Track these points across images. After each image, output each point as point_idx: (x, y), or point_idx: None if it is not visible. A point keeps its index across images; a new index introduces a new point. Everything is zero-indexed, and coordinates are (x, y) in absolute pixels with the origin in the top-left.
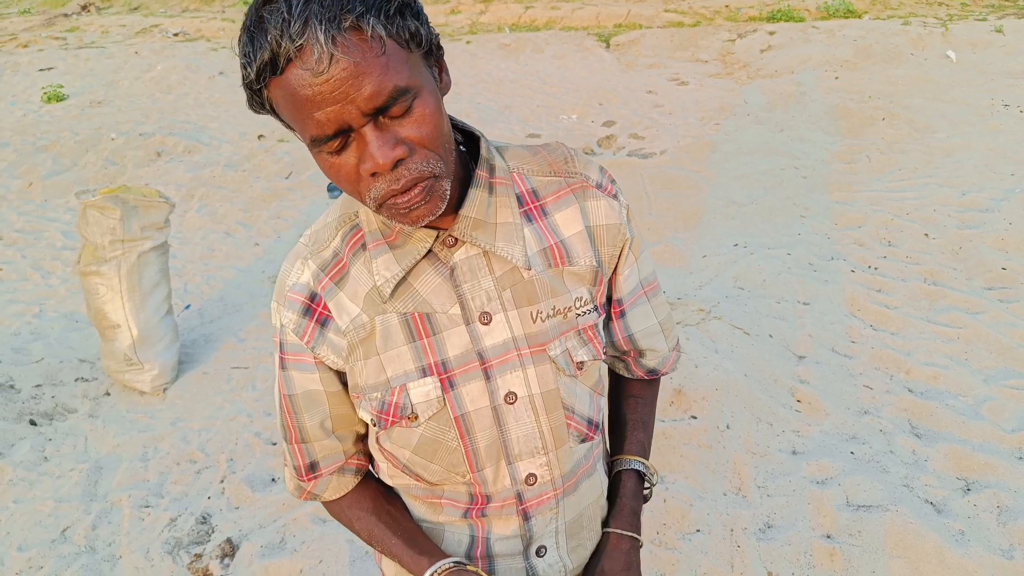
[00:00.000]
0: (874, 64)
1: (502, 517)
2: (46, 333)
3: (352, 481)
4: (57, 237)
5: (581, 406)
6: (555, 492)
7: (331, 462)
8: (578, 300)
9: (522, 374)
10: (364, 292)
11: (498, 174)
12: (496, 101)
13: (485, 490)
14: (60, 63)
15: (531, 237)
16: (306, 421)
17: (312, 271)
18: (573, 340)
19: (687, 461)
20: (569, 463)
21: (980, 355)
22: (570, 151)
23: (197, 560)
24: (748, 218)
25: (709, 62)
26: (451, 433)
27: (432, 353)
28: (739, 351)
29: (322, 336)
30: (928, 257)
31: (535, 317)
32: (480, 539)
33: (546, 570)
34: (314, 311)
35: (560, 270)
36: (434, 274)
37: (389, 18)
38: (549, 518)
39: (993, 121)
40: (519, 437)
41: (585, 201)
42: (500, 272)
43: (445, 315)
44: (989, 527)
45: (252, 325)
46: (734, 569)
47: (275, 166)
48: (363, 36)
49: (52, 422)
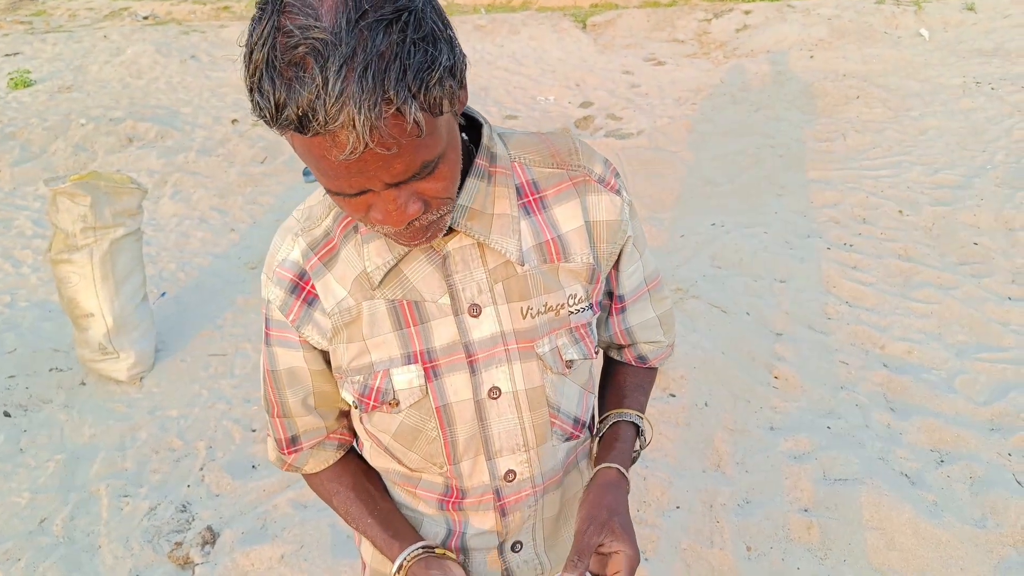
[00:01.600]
0: (849, 43)
1: (479, 511)
2: (18, 323)
3: (333, 456)
4: (27, 225)
5: (568, 404)
6: (535, 489)
7: (312, 437)
8: (571, 297)
9: (508, 369)
10: (353, 276)
11: (499, 163)
12: (472, 83)
13: (461, 484)
14: (26, 48)
15: (528, 231)
16: (288, 397)
17: (302, 249)
18: (564, 338)
19: (666, 439)
20: (551, 461)
21: (953, 330)
22: (575, 142)
23: (177, 548)
24: (725, 197)
25: (685, 42)
26: (431, 423)
27: (418, 341)
28: (717, 329)
29: (308, 316)
30: (902, 234)
31: (525, 313)
32: (456, 532)
33: (521, 566)
34: (301, 289)
35: (555, 266)
36: (426, 262)
37: (428, 92)
38: (527, 515)
39: (965, 100)
40: (500, 433)
41: (586, 196)
42: (493, 265)
43: (434, 304)
44: (962, 498)
45: (229, 312)
46: (713, 544)
47: (250, 151)
48: (402, 122)
49: (27, 413)
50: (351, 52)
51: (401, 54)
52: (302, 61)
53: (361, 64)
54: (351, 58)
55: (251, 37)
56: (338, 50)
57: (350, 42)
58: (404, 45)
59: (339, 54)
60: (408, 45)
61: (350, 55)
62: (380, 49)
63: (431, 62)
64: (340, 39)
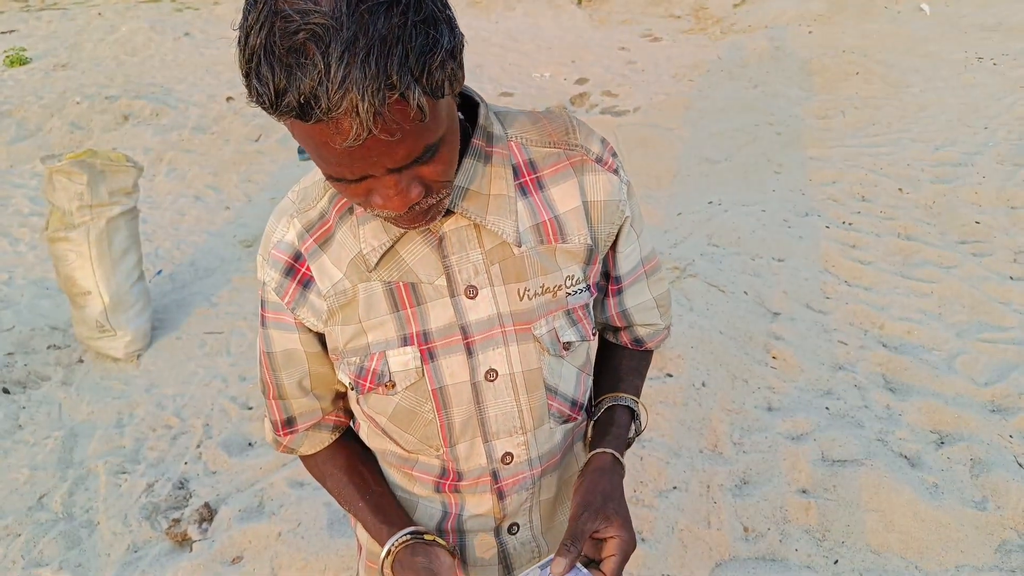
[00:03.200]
0: (848, 18)
1: (475, 494)
2: (16, 301)
3: (329, 437)
4: (24, 203)
5: (566, 387)
6: (532, 472)
7: (308, 419)
8: (569, 279)
9: (504, 352)
10: (348, 258)
11: (495, 143)
12: (467, 60)
13: (457, 466)
14: (21, 25)
15: (524, 211)
16: (284, 379)
17: (297, 230)
18: (561, 320)
19: (663, 419)
20: (548, 443)
21: (953, 309)
22: (572, 121)
23: (175, 525)
24: (722, 175)
25: (682, 17)
26: (427, 405)
27: (415, 323)
28: (714, 308)
29: (303, 298)
30: (902, 212)
31: (522, 295)
32: (452, 514)
33: (518, 548)
34: (297, 271)
35: (552, 247)
36: (422, 243)
37: (431, 75)
38: (525, 497)
39: (967, 75)
40: (497, 415)
41: (583, 175)
42: (490, 246)
43: (431, 286)
44: (962, 480)
45: (225, 290)
46: (711, 525)
47: (244, 129)
48: (406, 107)
49: (25, 390)
50: (353, 37)
51: (403, 37)
52: (303, 47)
53: (363, 49)
54: (353, 43)
55: (246, 20)
56: (339, 35)
57: (351, 26)
58: (405, 28)
59: (341, 39)
60: (409, 28)
61: (352, 40)
62: (381, 33)
63: (432, 45)
64: (341, 23)
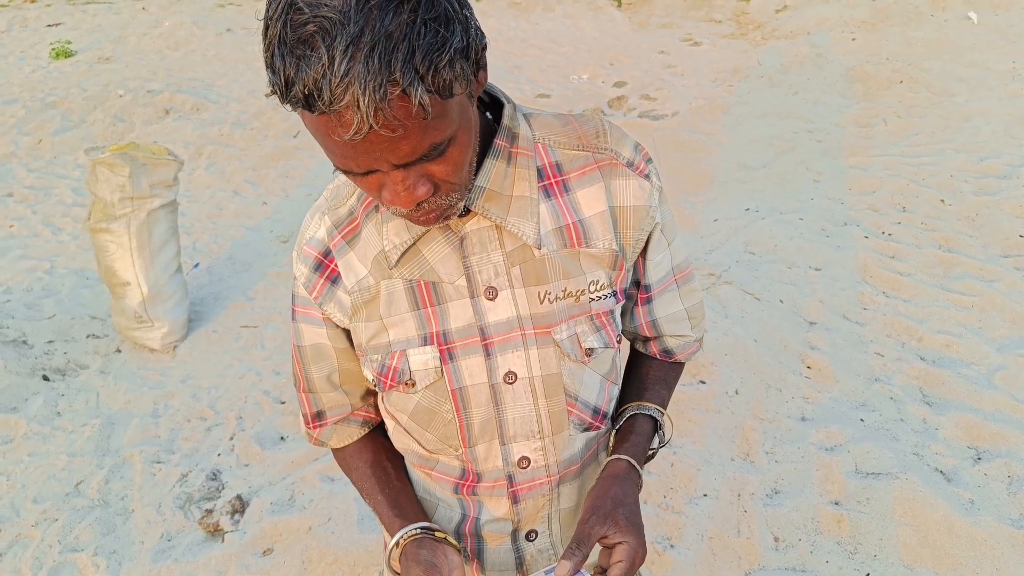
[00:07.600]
0: (892, 25)
1: (492, 497)
2: (57, 290)
3: (358, 432)
4: (67, 194)
5: (587, 394)
6: (549, 478)
7: (337, 413)
8: (593, 283)
9: (524, 355)
10: (373, 255)
11: (520, 143)
12: (506, 60)
13: (476, 467)
14: (67, 19)
15: (547, 214)
16: (313, 373)
17: (327, 227)
18: (584, 325)
19: (695, 425)
20: (568, 450)
21: (994, 323)
22: (605, 124)
23: (208, 516)
24: (760, 182)
25: (723, 22)
26: (447, 405)
27: (435, 322)
28: (749, 316)
29: (331, 293)
30: (943, 223)
31: (543, 298)
32: (471, 517)
33: (535, 555)
34: (325, 267)
35: (576, 251)
36: (444, 242)
37: (437, 74)
38: (542, 504)
39: (1013, 85)
40: (515, 418)
41: (612, 180)
42: (511, 247)
43: (451, 285)
44: (999, 496)
45: (261, 284)
46: (740, 534)
47: (283, 124)
48: (407, 104)
49: (65, 378)
50: (359, 32)
51: (410, 34)
52: (310, 39)
53: (368, 44)
54: (358, 38)
55: (268, 12)
56: (345, 29)
57: (358, 21)
58: (414, 25)
59: (346, 33)
60: (419, 25)
61: (357, 35)
62: (389, 29)
63: (441, 43)
64: (348, 18)
